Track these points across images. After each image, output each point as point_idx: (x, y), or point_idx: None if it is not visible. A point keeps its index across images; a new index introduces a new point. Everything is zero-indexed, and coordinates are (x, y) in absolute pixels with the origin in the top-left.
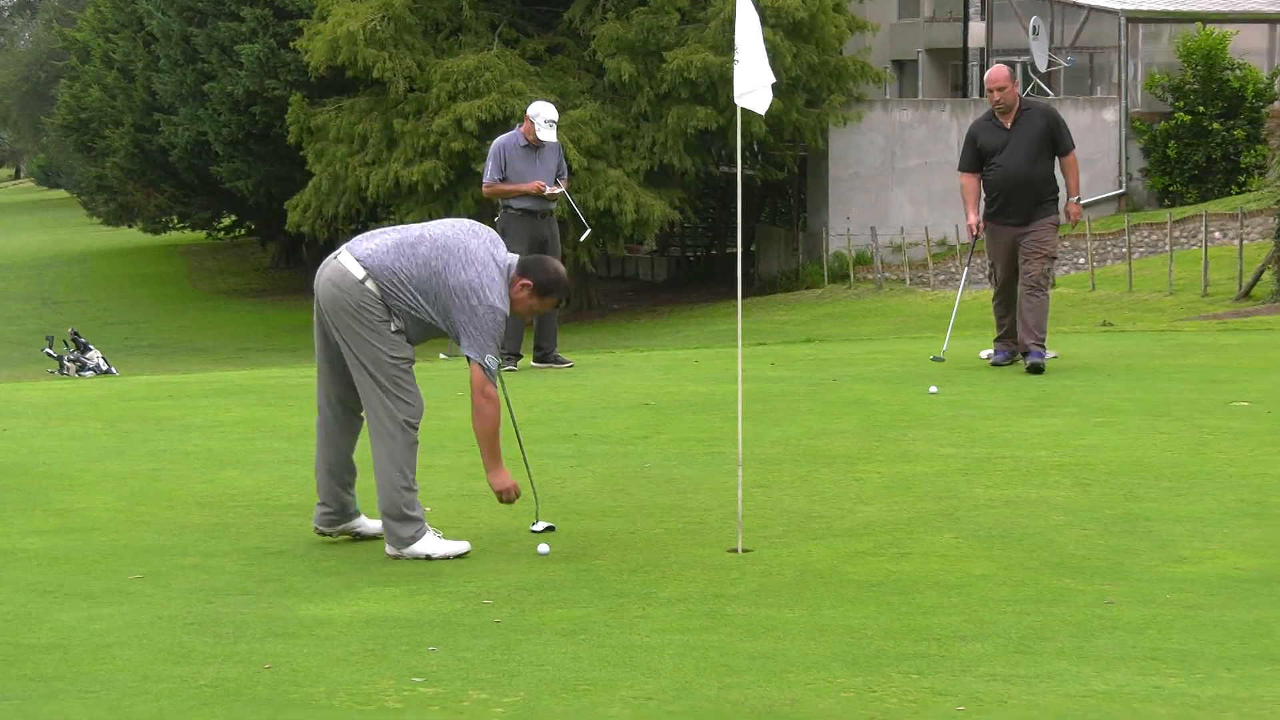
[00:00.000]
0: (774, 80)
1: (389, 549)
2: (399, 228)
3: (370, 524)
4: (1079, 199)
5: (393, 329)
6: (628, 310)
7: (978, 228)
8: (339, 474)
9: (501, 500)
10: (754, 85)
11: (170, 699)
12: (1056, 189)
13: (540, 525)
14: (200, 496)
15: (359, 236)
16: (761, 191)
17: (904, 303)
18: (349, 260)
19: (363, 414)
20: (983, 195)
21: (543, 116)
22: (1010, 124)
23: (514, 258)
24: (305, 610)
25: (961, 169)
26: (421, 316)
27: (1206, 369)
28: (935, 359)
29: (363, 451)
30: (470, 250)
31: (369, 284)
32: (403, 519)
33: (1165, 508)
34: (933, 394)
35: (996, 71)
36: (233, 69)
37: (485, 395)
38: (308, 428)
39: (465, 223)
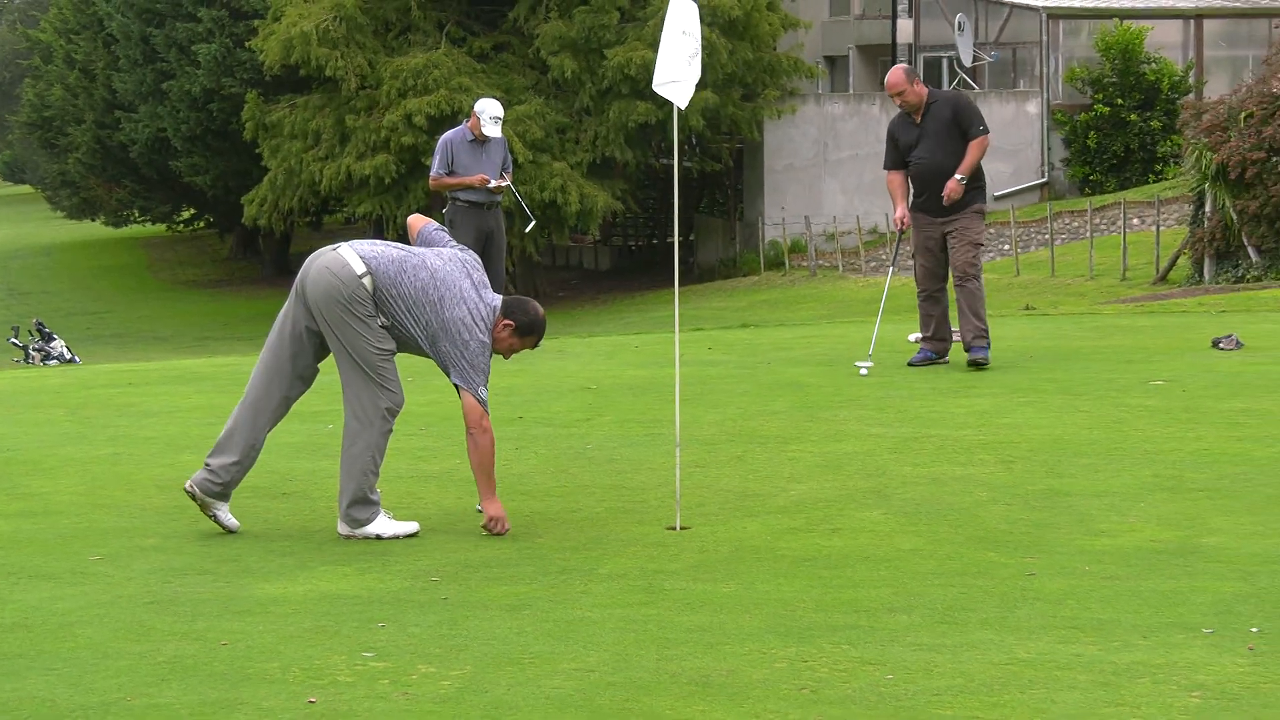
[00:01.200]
0: (698, 77)
1: (342, 528)
2: (401, 246)
3: (228, 519)
4: (961, 179)
5: (380, 323)
6: (573, 298)
7: (903, 221)
8: (250, 457)
9: (493, 530)
10: (676, 77)
11: (130, 675)
12: (980, 178)
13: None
14: (159, 480)
15: (359, 240)
16: (700, 183)
17: (837, 288)
18: (350, 254)
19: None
20: (911, 189)
21: (488, 113)
22: (920, 119)
23: (498, 299)
24: (260, 589)
25: (886, 167)
26: (402, 334)
27: (1124, 350)
28: (861, 365)
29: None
30: (464, 289)
31: (366, 280)
32: (364, 503)
33: (1085, 483)
34: (863, 375)
35: (892, 76)
36: (190, 68)
37: (482, 428)
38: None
39: (458, 259)
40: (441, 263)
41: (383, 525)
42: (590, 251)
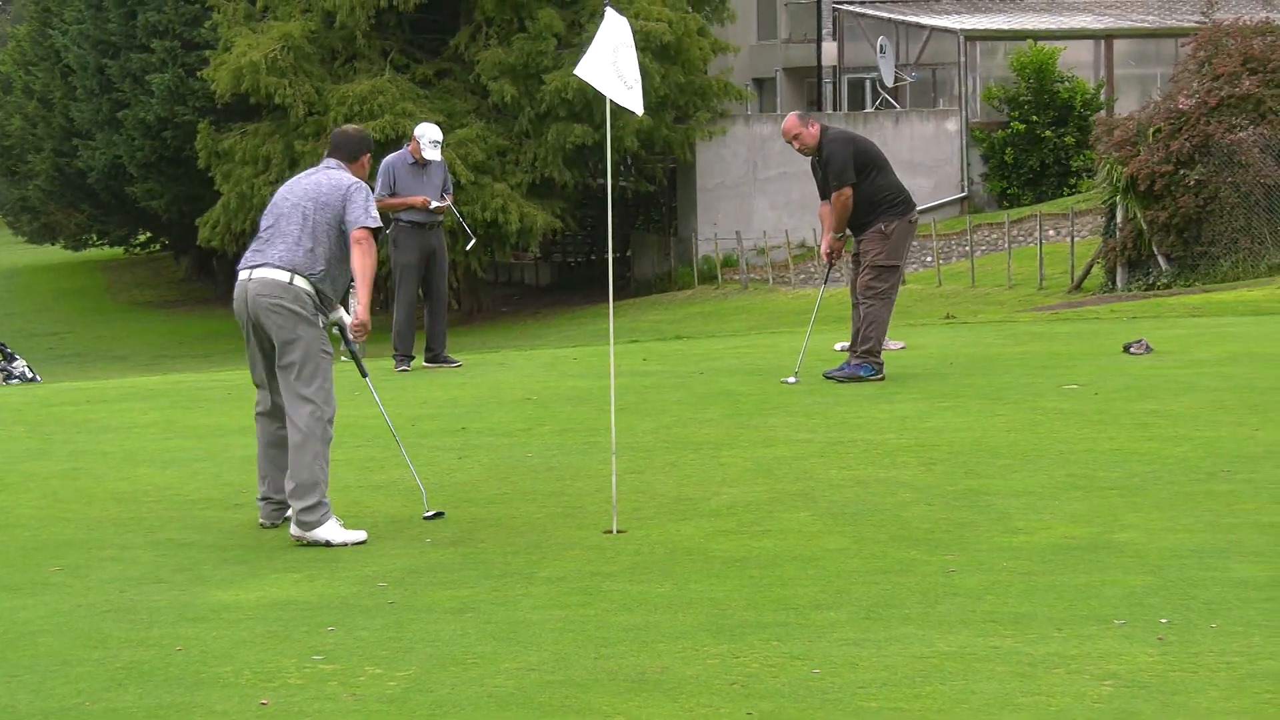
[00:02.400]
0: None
1: (295, 530)
2: (269, 227)
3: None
4: (839, 235)
5: (322, 323)
6: (515, 313)
7: (828, 255)
8: (284, 471)
9: (357, 333)
10: (628, 85)
11: (89, 681)
12: (880, 200)
13: (430, 513)
14: (117, 493)
15: (249, 255)
16: (636, 201)
17: (767, 300)
18: (278, 272)
19: None
20: None
21: (428, 137)
22: (820, 157)
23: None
24: (214, 596)
25: (821, 197)
26: (334, 270)
27: (1041, 356)
28: (788, 378)
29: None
30: (320, 191)
31: (296, 281)
32: (317, 506)
33: (1002, 483)
34: (788, 384)
35: (785, 123)
36: (145, 97)
37: (370, 243)
38: (218, 427)
39: (304, 176)
40: (298, 189)
41: (333, 532)
42: (531, 268)
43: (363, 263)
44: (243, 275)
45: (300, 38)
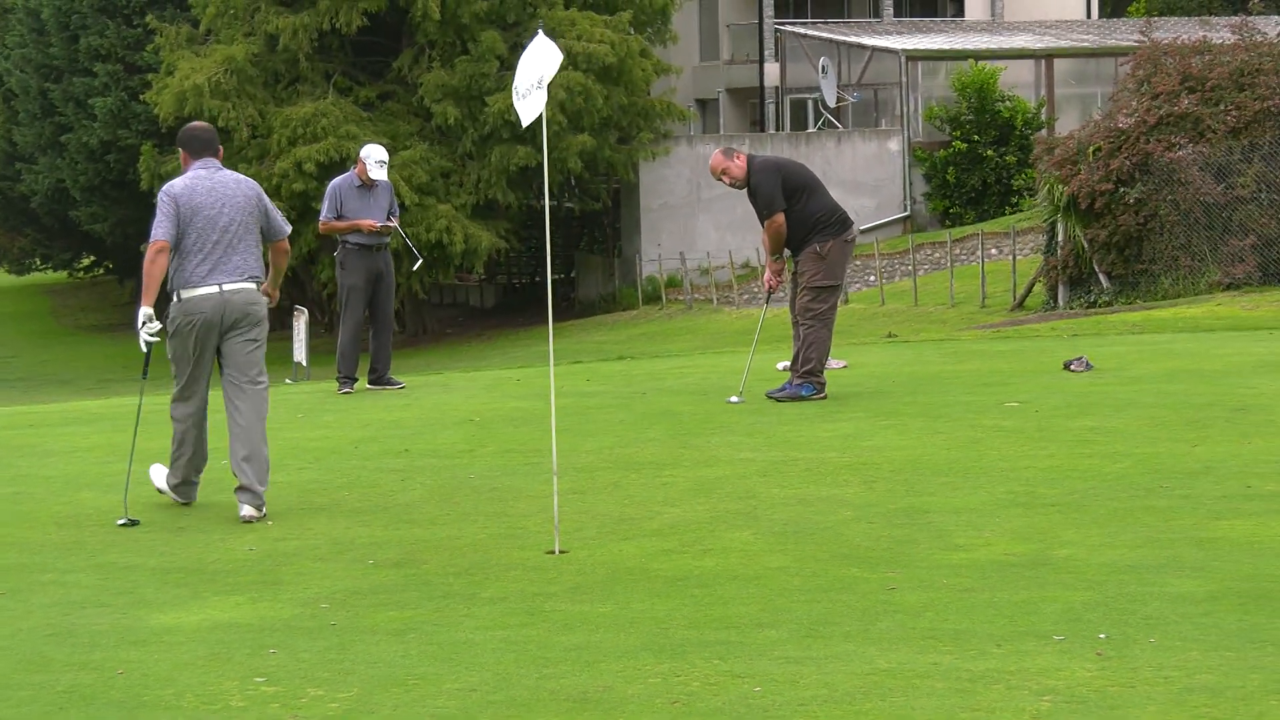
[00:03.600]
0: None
1: (254, 512)
2: (217, 242)
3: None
4: (778, 258)
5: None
6: (459, 335)
7: (769, 285)
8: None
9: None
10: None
11: (30, 705)
12: (815, 222)
13: (123, 520)
14: (58, 517)
15: (211, 270)
16: (579, 222)
17: (711, 320)
18: (248, 284)
19: None
20: None
21: (373, 158)
22: (748, 191)
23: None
24: (156, 619)
25: (762, 224)
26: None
27: (982, 374)
28: (733, 398)
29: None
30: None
31: (258, 286)
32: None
33: (943, 500)
34: (732, 403)
35: (711, 163)
36: (88, 121)
37: (287, 251)
38: (162, 451)
39: (213, 182)
40: (229, 210)
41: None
42: (476, 290)
43: (285, 264)
44: (210, 290)
45: (243, 61)
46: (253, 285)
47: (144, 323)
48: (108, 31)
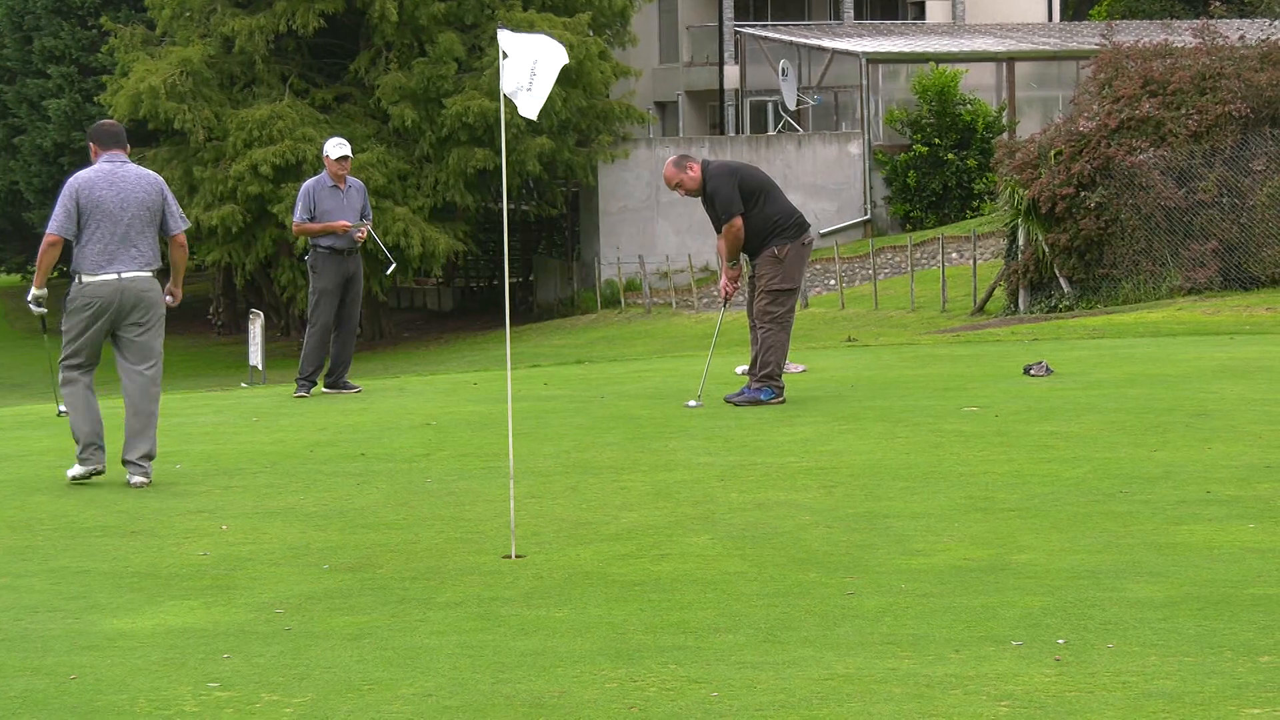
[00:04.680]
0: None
1: (142, 479)
2: (121, 235)
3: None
4: (734, 264)
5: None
6: (417, 338)
7: (726, 291)
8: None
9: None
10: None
11: None
12: (772, 226)
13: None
14: (11, 521)
15: (109, 260)
16: (538, 225)
17: (670, 324)
18: (145, 272)
19: None
20: None
21: (333, 153)
22: (703, 199)
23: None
24: (109, 624)
25: (717, 232)
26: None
27: (942, 378)
28: (693, 405)
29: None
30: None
31: (154, 275)
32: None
33: (902, 505)
34: (691, 407)
35: (665, 170)
36: (41, 123)
37: (184, 246)
38: (115, 453)
39: (116, 176)
40: (123, 201)
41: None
42: (434, 293)
43: (184, 259)
44: (109, 277)
45: (199, 63)
46: (149, 273)
47: (34, 303)
48: (62, 33)
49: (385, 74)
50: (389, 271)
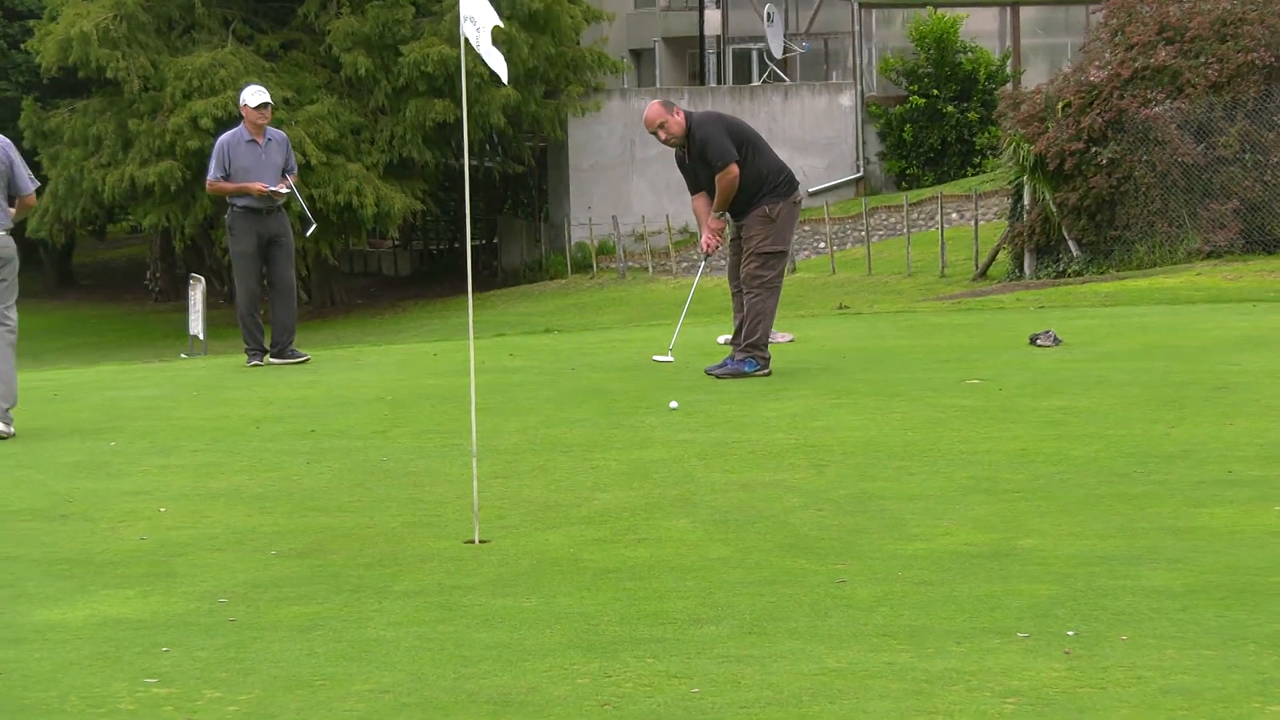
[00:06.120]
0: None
1: (5, 428)
2: None
3: None
4: (719, 214)
5: None
6: (371, 305)
7: (708, 247)
8: None
9: None
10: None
11: None
12: (762, 181)
13: None
14: None
15: None
16: (503, 184)
17: (647, 291)
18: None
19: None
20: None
21: (251, 102)
22: (689, 147)
23: None
24: (38, 615)
25: (690, 191)
26: None
27: (941, 349)
28: (661, 359)
29: None
30: None
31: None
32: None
33: (898, 486)
34: (660, 362)
35: (647, 114)
36: None
37: (32, 205)
38: (43, 430)
39: None
40: None
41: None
42: (389, 256)
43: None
44: None
45: (134, 6)
46: (3, 231)
47: None
48: None
49: (337, 18)
50: (308, 233)
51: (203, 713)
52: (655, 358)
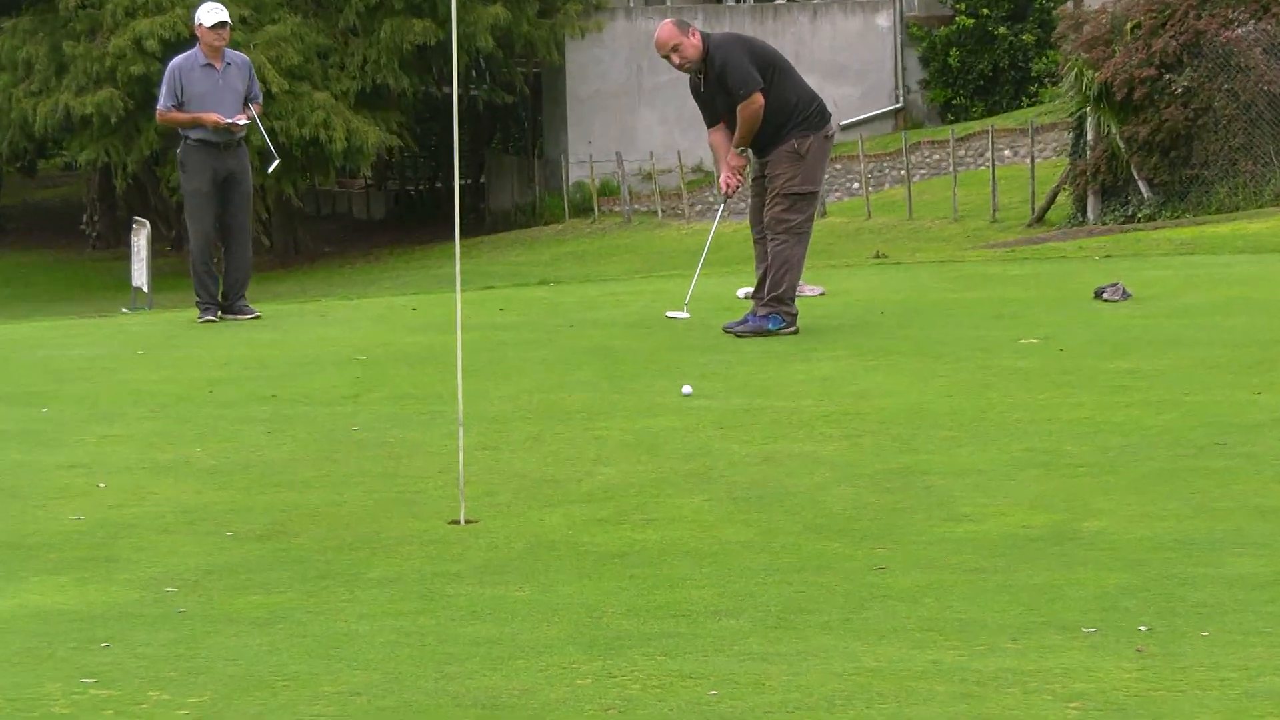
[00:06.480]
0: None
1: None
2: None
3: None
4: (740, 149)
5: None
6: (341, 253)
7: (728, 186)
8: None
9: None
10: None
11: None
12: (789, 112)
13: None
14: None
15: None
16: (491, 115)
17: (655, 237)
18: None
19: None
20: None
21: (205, 9)
22: (705, 73)
23: None
24: None
25: (707, 124)
26: None
27: (993, 303)
28: (674, 316)
29: None
30: None
31: None
32: None
33: (945, 460)
34: (674, 319)
35: (660, 35)
36: None
37: None
38: None
39: None
40: None
41: None
42: (361, 198)
43: None
44: None
45: None
46: None
47: None
48: None
49: None
50: (270, 170)
51: (147, 717)
52: (668, 314)
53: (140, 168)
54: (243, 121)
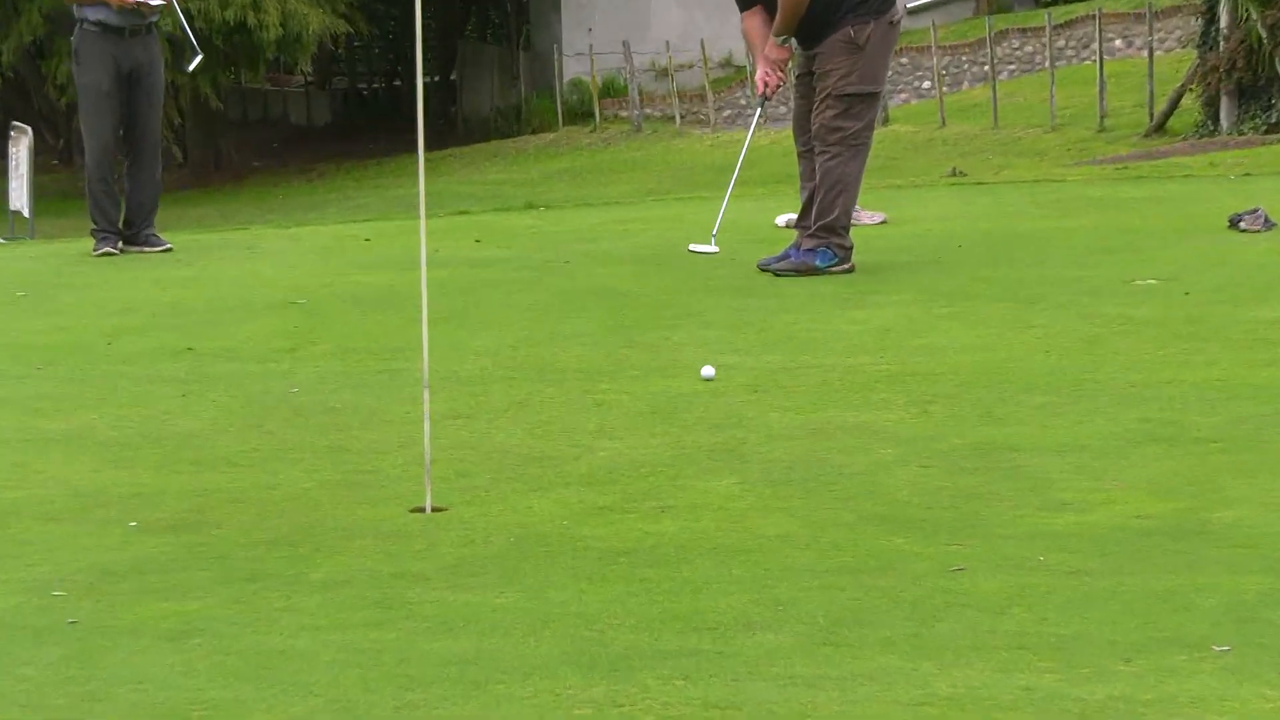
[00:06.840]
0: None
1: None
2: None
3: None
4: (782, 39)
5: None
6: (274, 168)
7: (766, 83)
8: None
9: None
10: None
11: None
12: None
13: None
14: None
15: None
16: None
17: (672, 149)
18: None
19: None
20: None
21: None
22: None
23: None
24: None
25: (740, 8)
26: None
27: (1100, 234)
28: (699, 250)
29: None
30: None
31: None
32: None
33: (1038, 434)
34: (698, 253)
35: None
36: None
37: None
38: None
39: None
40: None
41: None
42: (300, 99)
43: None
44: None
45: None
46: None
47: None
48: None
49: None
50: (191, 67)
51: None
52: (691, 247)
53: (19, 58)
54: (155, 2)
